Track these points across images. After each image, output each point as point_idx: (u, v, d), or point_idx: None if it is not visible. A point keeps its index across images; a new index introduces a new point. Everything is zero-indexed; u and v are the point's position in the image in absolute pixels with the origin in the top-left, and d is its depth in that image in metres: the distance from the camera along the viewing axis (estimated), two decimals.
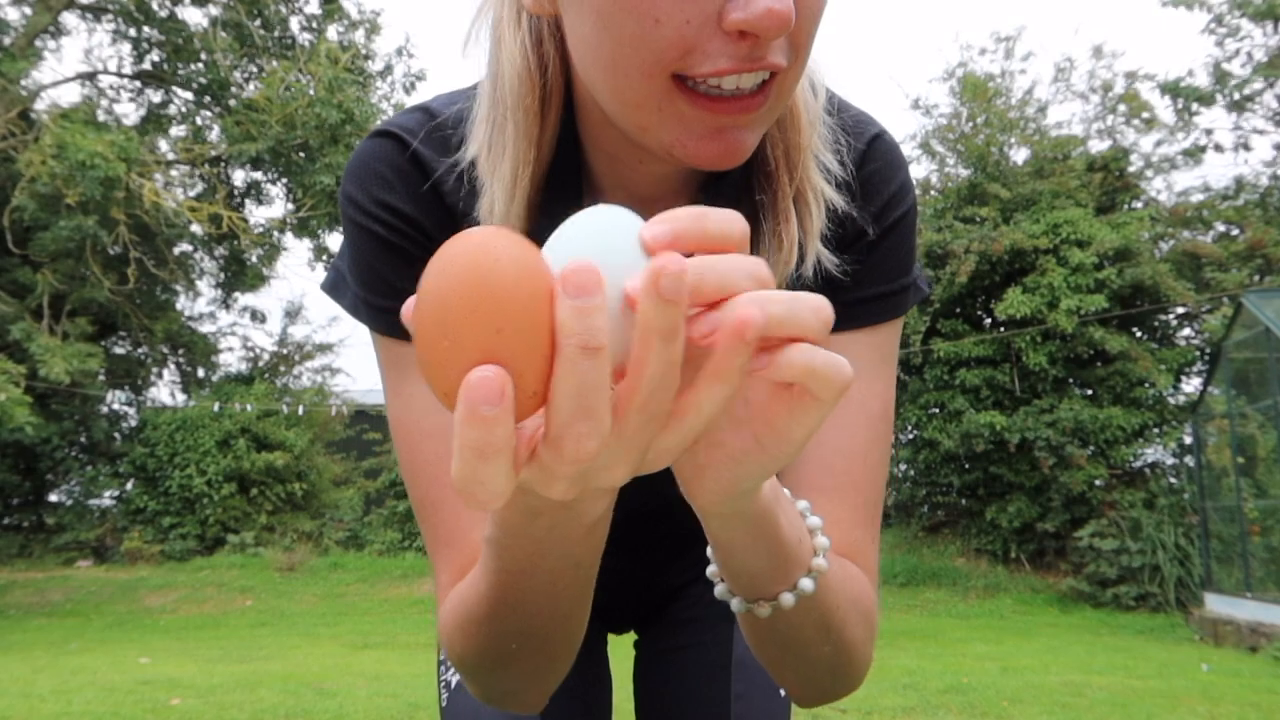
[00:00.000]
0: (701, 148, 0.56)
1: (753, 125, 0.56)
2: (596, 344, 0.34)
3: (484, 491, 0.36)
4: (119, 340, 15.35)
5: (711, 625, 1.03)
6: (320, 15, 15.14)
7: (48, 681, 6.17)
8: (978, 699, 5.37)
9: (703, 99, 0.54)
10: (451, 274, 0.34)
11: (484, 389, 0.33)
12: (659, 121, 0.56)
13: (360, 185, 0.69)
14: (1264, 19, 12.96)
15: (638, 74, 0.54)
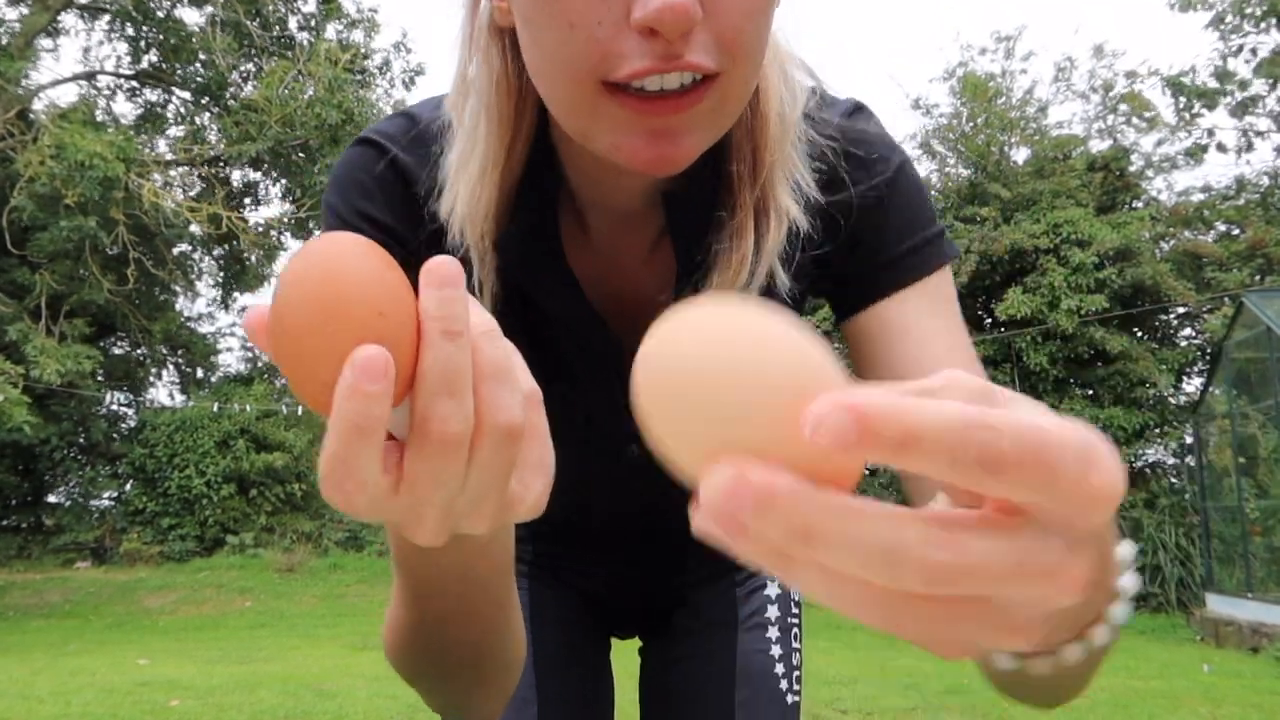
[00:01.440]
0: (638, 150, 0.56)
1: (691, 128, 0.56)
2: (457, 329, 0.35)
3: (352, 480, 0.35)
4: (118, 341, 15.34)
5: (715, 634, 1.04)
6: (319, 14, 15.13)
7: (46, 683, 6.15)
8: (978, 700, 5.35)
9: (631, 99, 0.54)
10: (327, 267, 0.35)
11: (371, 365, 0.33)
12: (595, 126, 0.56)
13: (341, 194, 0.70)
14: (1266, 18, 12.95)
15: (565, 80, 0.55)
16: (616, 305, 0.74)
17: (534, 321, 0.74)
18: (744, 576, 1.07)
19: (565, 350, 0.76)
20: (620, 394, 0.76)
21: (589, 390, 0.78)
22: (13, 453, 13.43)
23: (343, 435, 0.34)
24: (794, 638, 1.07)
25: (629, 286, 0.74)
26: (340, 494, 0.35)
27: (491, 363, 0.37)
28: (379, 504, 0.36)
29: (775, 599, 1.07)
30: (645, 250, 0.73)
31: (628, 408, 0.75)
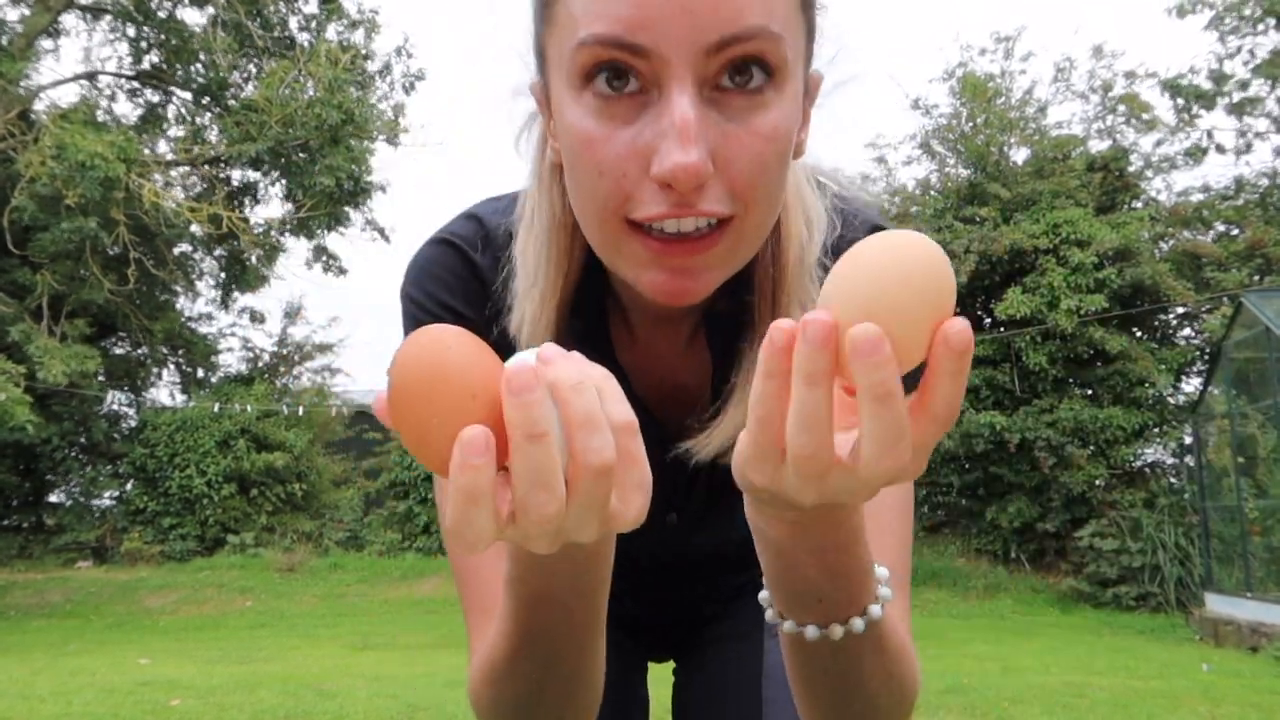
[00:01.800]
0: (657, 284, 0.62)
1: (708, 267, 0.62)
2: (539, 431, 0.42)
3: (472, 532, 0.43)
4: (119, 341, 15.34)
5: (742, 640, 1.08)
6: (319, 15, 15.13)
7: (47, 683, 6.16)
8: (978, 699, 5.36)
9: (652, 240, 0.60)
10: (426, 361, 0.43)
11: (475, 443, 0.41)
12: (620, 259, 0.64)
13: (420, 286, 0.79)
14: (1265, 19, 12.95)
15: (595, 219, 0.62)
16: (657, 394, 0.82)
17: None
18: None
19: None
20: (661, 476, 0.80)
21: None
22: (14, 452, 13.43)
23: (460, 502, 0.43)
24: None
25: (668, 377, 0.82)
26: (464, 545, 0.44)
27: (581, 414, 0.44)
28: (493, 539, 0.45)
29: None
30: (681, 346, 0.81)
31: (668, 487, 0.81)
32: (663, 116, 0.57)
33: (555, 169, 0.72)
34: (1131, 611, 10.01)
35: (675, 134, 0.56)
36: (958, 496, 12.39)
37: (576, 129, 0.60)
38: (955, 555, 12.01)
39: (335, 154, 13.61)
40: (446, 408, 0.43)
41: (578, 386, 0.44)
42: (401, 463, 13.92)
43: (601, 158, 0.59)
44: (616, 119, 0.59)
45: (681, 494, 0.91)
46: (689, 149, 0.56)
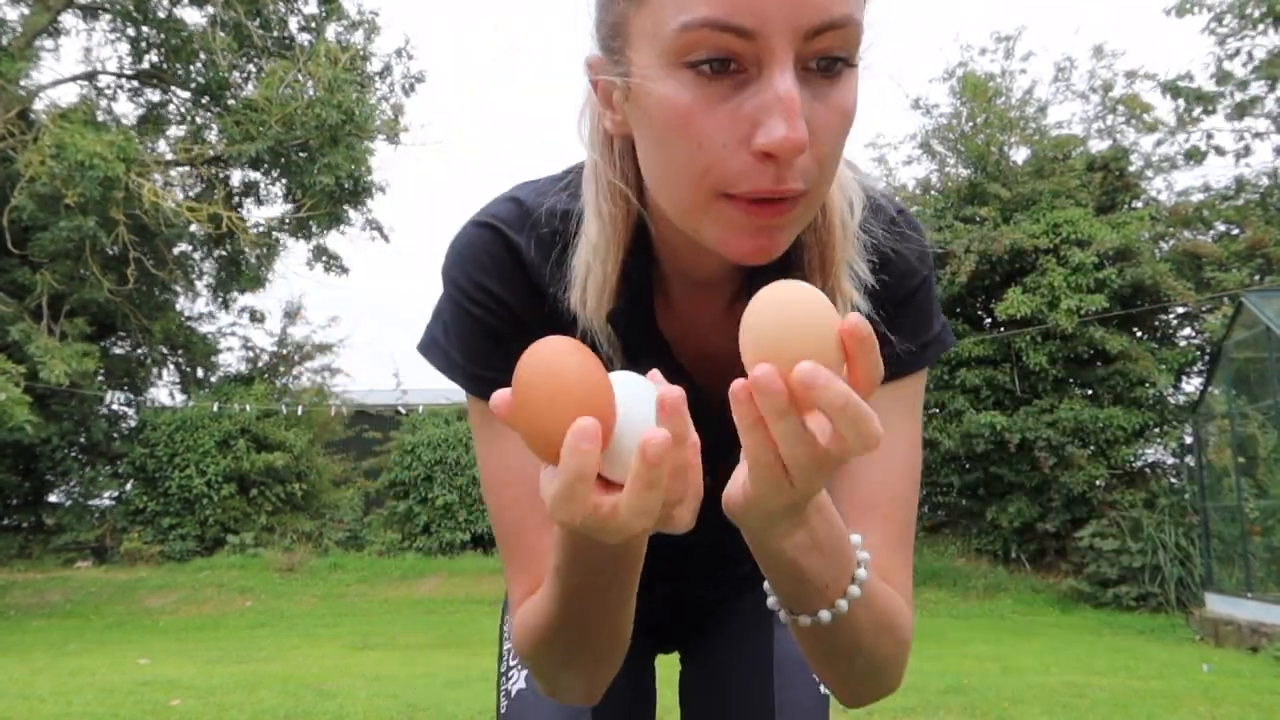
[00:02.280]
0: (742, 243, 0.66)
1: (785, 227, 0.67)
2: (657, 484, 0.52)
3: (570, 508, 0.53)
4: (118, 341, 15.33)
5: (750, 630, 1.13)
6: (319, 15, 15.12)
7: (47, 683, 6.16)
8: (978, 699, 5.35)
9: (743, 202, 0.64)
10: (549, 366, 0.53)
11: (587, 430, 0.51)
12: (707, 223, 0.67)
13: (462, 269, 0.81)
14: (1264, 19, 12.95)
15: (688, 189, 0.66)
16: (695, 362, 0.86)
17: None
18: None
19: None
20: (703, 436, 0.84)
21: None
22: (13, 452, 13.43)
23: (568, 478, 0.52)
24: None
25: (705, 346, 0.85)
26: (566, 515, 0.54)
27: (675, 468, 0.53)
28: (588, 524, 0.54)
29: None
30: (720, 314, 0.84)
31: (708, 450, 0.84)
32: (765, 92, 0.61)
33: (607, 141, 0.76)
34: (1132, 612, 10.01)
35: (782, 109, 0.60)
36: (958, 496, 12.38)
37: (673, 102, 0.63)
38: (955, 555, 12.01)
39: (335, 154, 13.60)
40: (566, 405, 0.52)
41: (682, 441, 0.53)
42: (401, 463, 13.91)
43: (701, 130, 0.62)
44: (714, 95, 0.62)
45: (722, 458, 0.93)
46: (795, 123, 0.60)
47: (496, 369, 0.79)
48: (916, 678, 6.06)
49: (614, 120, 0.72)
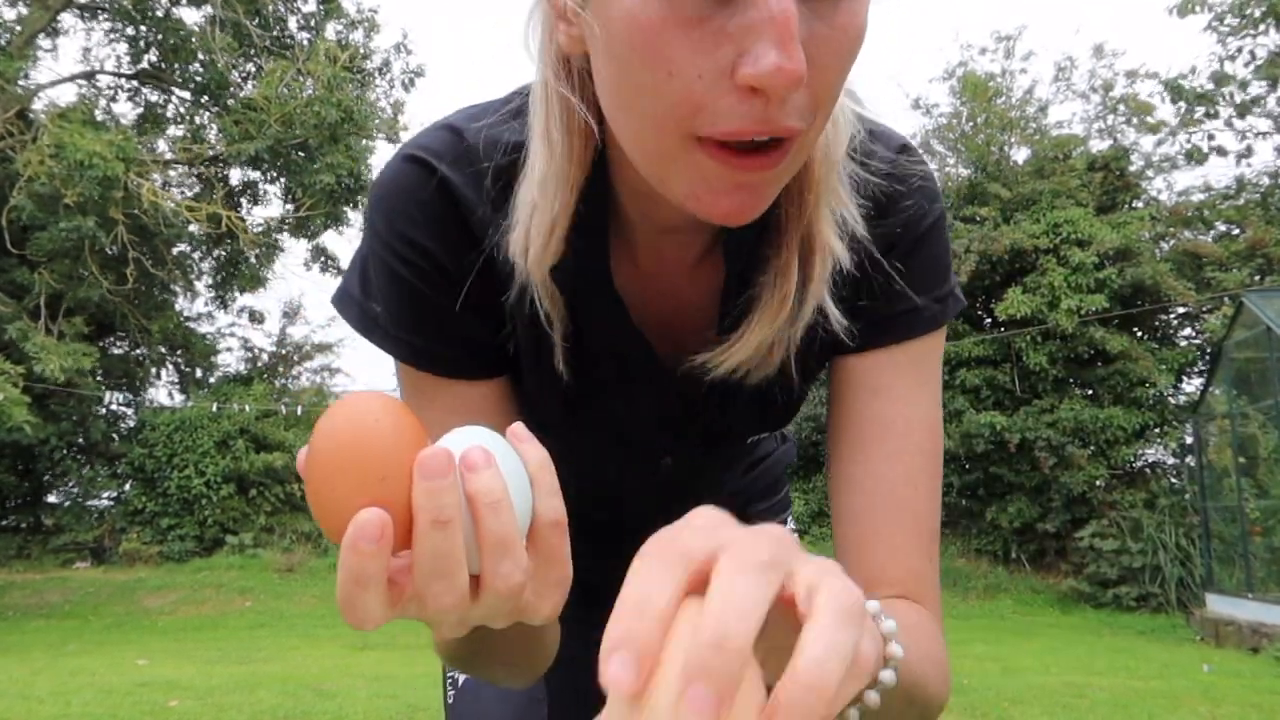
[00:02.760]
0: (717, 202, 0.55)
1: (774, 180, 0.55)
2: (445, 518, 0.41)
3: (361, 613, 0.43)
4: (117, 340, 15.32)
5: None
6: (319, 14, 15.12)
7: (46, 683, 6.14)
8: (978, 700, 5.35)
9: (723, 151, 0.52)
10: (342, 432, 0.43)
11: (368, 528, 0.40)
12: (675, 173, 0.55)
13: (386, 216, 0.68)
14: (1265, 20, 12.95)
15: (653, 125, 0.53)
16: (658, 322, 0.74)
17: (579, 342, 0.73)
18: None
19: (605, 368, 0.76)
20: (658, 410, 0.79)
21: (627, 407, 0.79)
22: (12, 452, 13.42)
23: (345, 582, 0.42)
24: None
25: (670, 303, 0.74)
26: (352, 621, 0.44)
27: (495, 535, 0.43)
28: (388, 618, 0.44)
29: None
30: (689, 266, 0.72)
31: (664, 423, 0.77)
32: (753, 10, 0.48)
33: (565, 62, 0.62)
34: (1132, 612, 10.00)
35: (774, 32, 0.48)
36: (958, 497, 12.38)
37: (638, 17, 0.50)
38: (955, 555, 12.01)
39: (334, 152, 13.59)
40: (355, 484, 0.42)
41: (495, 506, 0.43)
42: None
43: (673, 55, 0.50)
44: (692, 12, 0.49)
45: (679, 434, 0.82)
46: (791, 50, 0.47)
47: (424, 334, 0.69)
48: None
49: (568, 34, 0.58)
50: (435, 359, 0.71)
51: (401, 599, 0.44)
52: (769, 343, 0.67)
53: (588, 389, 0.76)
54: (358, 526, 0.40)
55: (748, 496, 1.06)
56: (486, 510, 0.43)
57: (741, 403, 0.78)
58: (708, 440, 0.84)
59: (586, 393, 0.76)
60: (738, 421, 0.81)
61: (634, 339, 0.73)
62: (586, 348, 0.73)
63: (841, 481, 0.74)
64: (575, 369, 0.73)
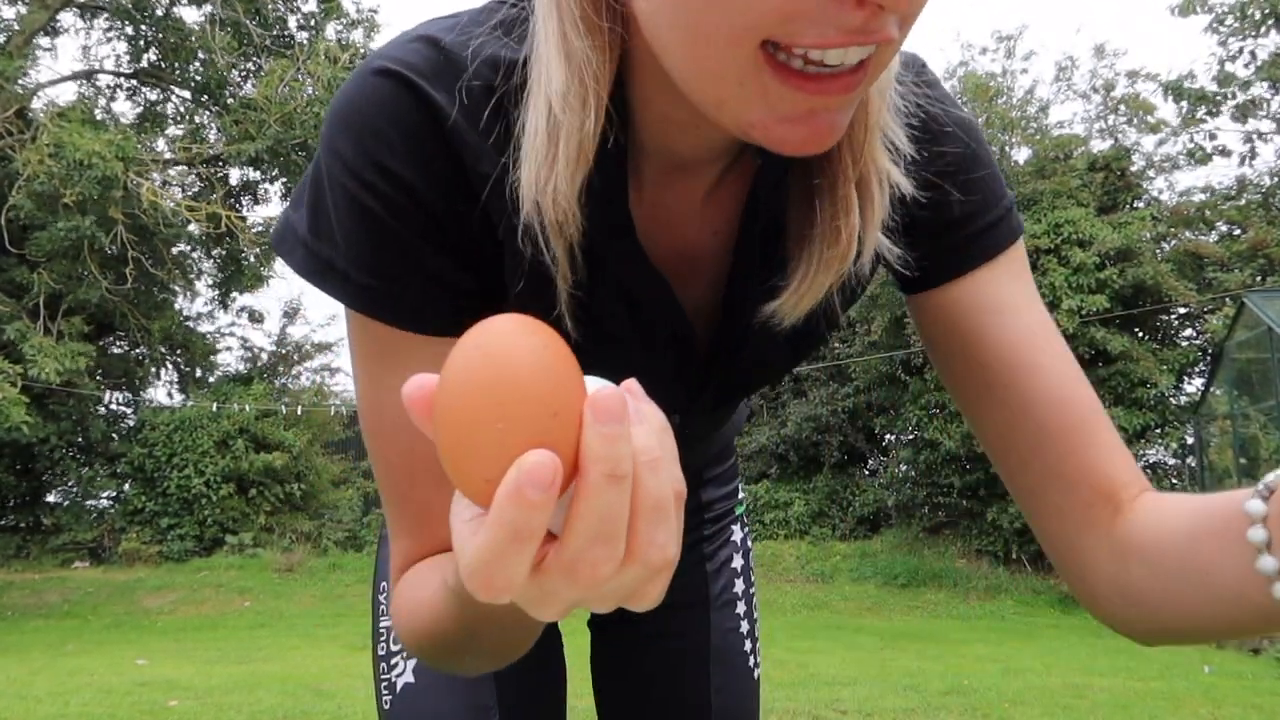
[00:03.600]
0: (787, 132, 0.47)
1: (848, 105, 0.48)
2: (622, 472, 0.34)
3: (505, 578, 0.35)
4: (117, 340, 15.32)
5: (686, 615, 1.02)
6: (319, 14, 15.12)
7: (45, 683, 6.14)
8: (979, 700, 5.34)
9: (796, 76, 0.45)
10: (502, 357, 0.34)
11: (539, 472, 0.32)
12: (739, 97, 0.47)
13: (354, 139, 0.56)
14: (1265, 20, 12.94)
15: (724, 40, 0.45)
16: (664, 262, 0.66)
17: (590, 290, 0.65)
18: (712, 548, 1.05)
19: (618, 319, 0.67)
20: (670, 362, 0.71)
21: (640, 356, 0.71)
22: (11, 452, 13.41)
23: (499, 538, 0.33)
24: (754, 606, 1.06)
25: (675, 239, 0.65)
26: (489, 589, 0.35)
27: (653, 498, 0.36)
28: (518, 596, 0.36)
29: (740, 570, 1.07)
30: (698, 202, 0.65)
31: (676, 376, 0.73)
32: None
33: None
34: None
35: None
36: (958, 497, 12.37)
37: None
38: (956, 556, 11.99)
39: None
40: (517, 422, 0.33)
41: (654, 464, 0.35)
42: None
43: None
44: None
45: (693, 390, 0.74)
46: None
47: (400, 281, 0.58)
48: (917, 678, 6.05)
49: None
50: (413, 311, 0.59)
51: (542, 568, 0.36)
52: (836, 284, 0.61)
53: (596, 342, 0.66)
54: (525, 470, 0.32)
55: (704, 460, 1.03)
56: (646, 470, 0.35)
57: (778, 345, 0.70)
58: (721, 395, 0.76)
59: (594, 347, 0.66)
60: (770, 367, 0.75)
61: (654, 282, 0.64)
62: (597, 295, 0.65)
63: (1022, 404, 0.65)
64: (583, 321, 0.63)
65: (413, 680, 0.91)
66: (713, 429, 0.91)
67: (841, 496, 13.15)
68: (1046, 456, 0.65)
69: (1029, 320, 0.67)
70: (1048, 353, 0.65)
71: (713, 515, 1.07)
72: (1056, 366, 0.65)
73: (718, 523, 1.07)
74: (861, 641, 8.23)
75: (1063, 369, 0.65)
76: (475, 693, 0.90)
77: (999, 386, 0.66)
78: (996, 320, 0.66)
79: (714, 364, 0.72)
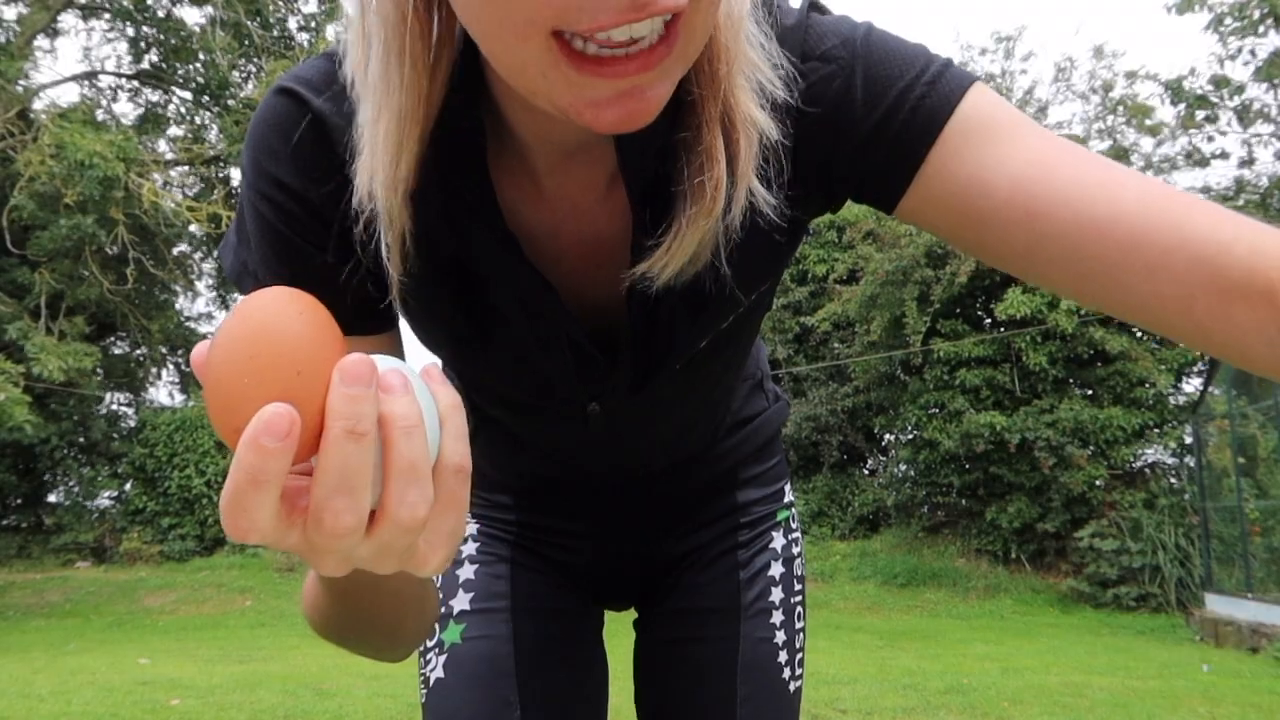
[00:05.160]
0: (601, 115, 0.47)
1: (660, 78, 0.48)
2: (362, 429, 0.37)
3: (247, 520, 0.37)
4: (117, 340, 15.33)
5: (716, 622, 1.01)
6: (319, 15, 15.13)
7: (46, 682, 6.15)
8: (978, 699, 5.35)
9: (591, 62, 0.45)
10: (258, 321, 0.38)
11: (275, 422, 0.35)
12: (548, 86, 0.47)
13: (252, 154, 0.62)
14: (1265, 20, 12.96)
15: (512, 36, 0.45)
16: (562, 259, 0.66)
17: (472, 288, 0.67)
18: (747, 555, 1.02)
19: (512, 317, 0.69)
20: (572, 356, 0.71)
21: (541, 357, 0.72)
22: (13, 452, 13.42)
23: (239, 482, 0.36)
24: (797, 618, 1.03)
25: (588, 230, 0.65)
26: (235, 530, 0.37)
27: (406, 460, 0.39)
28: (275, 542, 0.39)
29: (779, 579, 1.03)
30: (602, 188, 0.64)
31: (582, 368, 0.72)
32: None
33: None
34: (1131, 612, 10.00)
35: None
36: (957, 497, 12.38)
37: None
38: (955, 555, 12.01)
39: None
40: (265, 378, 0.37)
41: (409, 430, 0.39)
42: None
43: None
44: None
45: (598, 374, 0.74)
46: None
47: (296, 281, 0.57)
48: (917, 678, 6.06)
49: None
50: None
51: (294, 517, 0.39)
52: (708, 240, 0.60)
53: (484, 334, 0.70)
54: (263, 420, 0.35)
55: (736, 458, 1.00)
56: (400, 434, 0.39)
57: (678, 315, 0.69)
58: (637, 377, 0.75)
59: (483, 338, 0.70)
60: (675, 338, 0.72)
61: (531, 280, 0.65)
62: (479, 289, 0.67)
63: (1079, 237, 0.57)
64: (467, 313, 0.68)
65: (443, 675, 0.95)
66: (666, 412, 0.84)
67: (841, 496, 13.16)
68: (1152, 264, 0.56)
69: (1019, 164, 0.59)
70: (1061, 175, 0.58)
71: (750, 519, 1.03)
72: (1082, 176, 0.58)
73: (755, 528, 1.03)
74: (861, 640, 8.24)
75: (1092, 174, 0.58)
76: (497, 687, 0.93)
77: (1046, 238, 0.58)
78: (986, 190, 0.59)
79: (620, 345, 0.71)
